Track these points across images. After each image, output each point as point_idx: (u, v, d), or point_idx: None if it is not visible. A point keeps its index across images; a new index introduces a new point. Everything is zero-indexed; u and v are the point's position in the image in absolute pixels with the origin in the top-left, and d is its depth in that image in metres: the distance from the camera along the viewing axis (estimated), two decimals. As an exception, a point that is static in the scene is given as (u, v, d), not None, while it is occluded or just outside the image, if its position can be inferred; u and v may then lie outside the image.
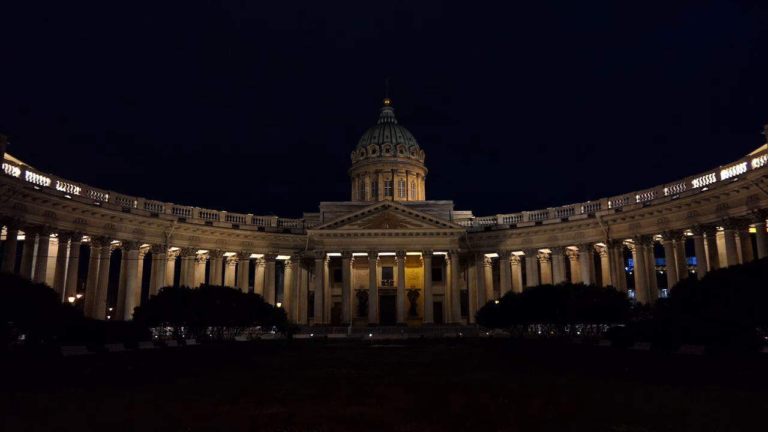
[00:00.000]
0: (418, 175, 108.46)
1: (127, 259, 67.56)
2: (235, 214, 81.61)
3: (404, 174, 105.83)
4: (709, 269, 54.44)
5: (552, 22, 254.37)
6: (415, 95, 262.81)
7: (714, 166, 58.48)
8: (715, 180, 58.01)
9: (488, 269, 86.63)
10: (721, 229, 58.40)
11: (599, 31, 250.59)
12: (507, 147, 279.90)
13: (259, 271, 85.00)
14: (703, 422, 11.41)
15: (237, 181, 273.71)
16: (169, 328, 51.32)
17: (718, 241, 60.30)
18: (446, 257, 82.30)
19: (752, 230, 56.42)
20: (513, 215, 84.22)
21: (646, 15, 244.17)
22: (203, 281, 73.55)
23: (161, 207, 72.18)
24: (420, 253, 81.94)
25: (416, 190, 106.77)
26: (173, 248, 74.05)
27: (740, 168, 54.68)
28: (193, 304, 43.39)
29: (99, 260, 63.66)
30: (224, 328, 49.29)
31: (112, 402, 15.13)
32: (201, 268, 78.79)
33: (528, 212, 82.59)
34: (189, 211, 75.82)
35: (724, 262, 56.66)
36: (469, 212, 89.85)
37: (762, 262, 34.70)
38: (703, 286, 34.44)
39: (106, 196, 64.57)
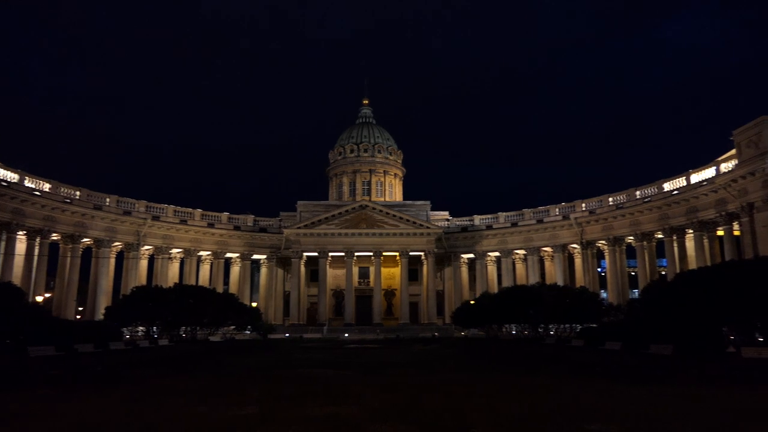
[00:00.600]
0: (395, 175, 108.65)
1: (99, 258, 66.14)
2: (211, 213, 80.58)
3: (382, 174, 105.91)
4: (678, 270, 55.78)
5: (531, 27, 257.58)
6: (394, 96, 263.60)
7: (685, 170, 60.00)
8: (685, 184, 59.46)
9: (464, 269, 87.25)
10: (691, 231, 59.89)
11: (577, 36, 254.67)
12: (484, 149, 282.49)
13: (235, 270, 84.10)
14: (670, 420, 11.66)
15: (213, 180, 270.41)
16: (141, 328, 50.48)
17: (687, 243, 61.81)
18: (423, 257, 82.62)
19: (720, 233, 57.99)
20: (489, 216, 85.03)
21: (622, 22, 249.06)
22: (177, 280, 72.44)
23: (134, 205, 70.85)
24: (397, 253, 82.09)
25: (394, 191, 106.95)
26: (146, 247, 72.75)
27: (709, 172, 56.15)
28: (166, 304, 42.72)
29: (69, 258, 62.19)
30: (198, 328, 48.65)
31: (82, 404, 14.77)
32: (175, 267, 77.58)
33: (504, 213, 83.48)
34: (163, 209, 74.58)
35: (693, 263, 58.09)
36: (446, 213, 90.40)
37: (728, 264, 35.68)
38: (672, 287, 35.24)
39: (77, 193, 63.08)
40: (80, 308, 72.66)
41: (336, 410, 13.03)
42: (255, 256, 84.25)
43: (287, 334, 68.56)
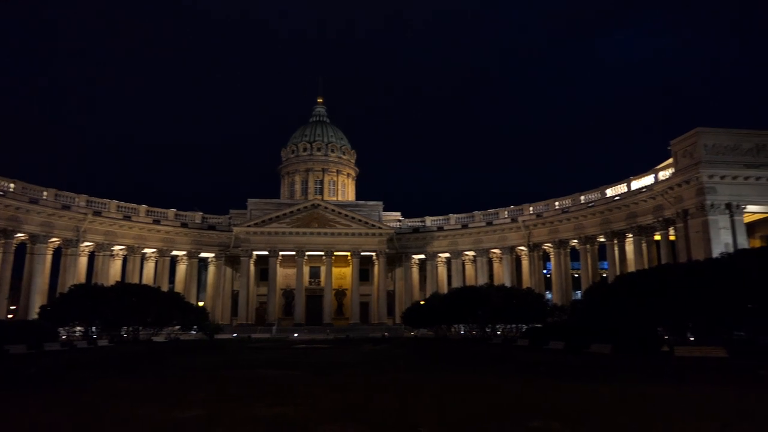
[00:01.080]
0: (348, 175, 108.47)
1: (33, 254, 62.81)
2: (157, 209, 78.01)
3: (335, 173, 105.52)
4: (618, 273, 58.30)
5: (486, 32, 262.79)
6: (348, 95, 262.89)
7: (626, 177, 62.72)
8: (626, 190, 62.19)
9: (415, 270, 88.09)
10: (630, 235, 62.70)
11: (531, 45, 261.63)
12: (437, 151, 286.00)
13: (181, 268, 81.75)
14: (607, 414, 12.17)
15: (161, 176, 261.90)
16: (79, 328, 48.32)
17: (627, 247, 64.68)
18: (374, 258, 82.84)
19: (657, 237, 61.00)
20: (441, 218, 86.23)
21: (575, 33, 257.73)
22: (119, 279, 69.78)
23: (74, 199, 67.72)
24: (348, 253, 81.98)
25: (346, 190, 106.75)
26: (87, 243, 69.64)
27: (648, 180, 58.94)
28: (107, 303, 41.09)
29: (1, 254, 58.77)
30: (140, 328, 47.06)
31: (12, 408, 13.97)
32: (117, 264, 74.68)
33: (455, 215, 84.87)
34: (105, 204, 71.67)
35: (632, 266, 60.85)
36: (398, 214, 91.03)
37: (663, 268, 37.56)
38: (612, 289, 36.79)
39: (11, 185, 59.72)
40: (12, 307, 68.84)
41: (284, 410, 12.88)
42: (203, 255, 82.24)
43: (235, 335, 67.22)
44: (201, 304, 78.52)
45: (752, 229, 55.43)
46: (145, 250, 76.62)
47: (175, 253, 79.73)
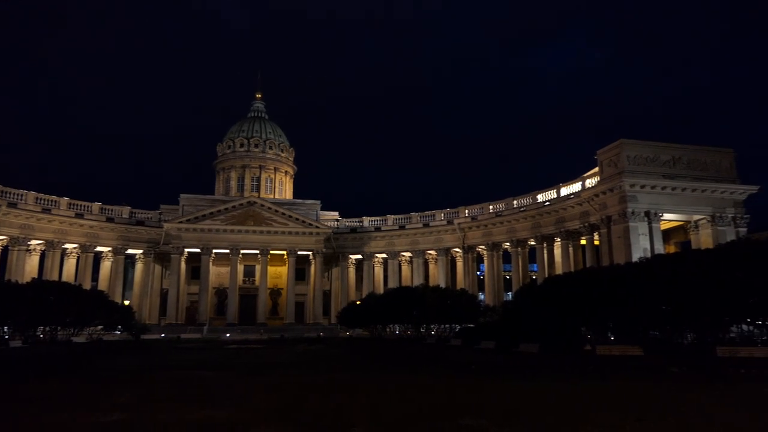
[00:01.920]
0: (286, 173, 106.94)
1: (-62, 248, 57.79)
2: (80, 202, 73.70)
3: (272, 171, 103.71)
4: (547, 275, 60.74)
5: (429, 36, 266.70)
6: (288, 93, 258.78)
7: (556, 183, 65.51)
8: (555, 196, 64.95)
9: (352, 270, 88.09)
10: (559, 239, 65.56)
11: (466, 52, 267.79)
12: (376, 152, 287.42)
13: (106, 265, 77.72)
14: (534, 412, 12.64)
15: (86, 168, 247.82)
16: (-12, 327, 44.93)
17: (555, 251, 67.57)
18: (311, 257, 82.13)
19: (583, 242, 64.12)
20: (378, 218, 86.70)
21: (512, 42, 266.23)
22: (36, 275, 65.26)
23: (-15, 189, 62.89)
24: (285, 252, 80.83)
25: (284, 188, 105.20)
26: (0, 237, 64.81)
27: (576, 187, 61.83)
28: (21, 301, 38.42)
29: None
30: (59, 328, 44.35)
31: None
32: (34, 260, 69.96)
33: (393, 216, 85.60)
34: (21, 195, 66.97)
35: (559, 269, 63.61)
36: (336, 213, 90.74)
37: (587, 271, 39.51)
38: (540, 291, 38.28)
39: None
40: None
41: (213, 413, 12.50)
42: (130, 251, 78.56)
43: (163, 335, 64.62)
44: (127, 302, 74.99)
45: (668, 235, 59.47)
46: (67, 246, 72.25)
47: (99, 249, 75.68)
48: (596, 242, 60.70)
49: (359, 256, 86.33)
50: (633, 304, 28.41)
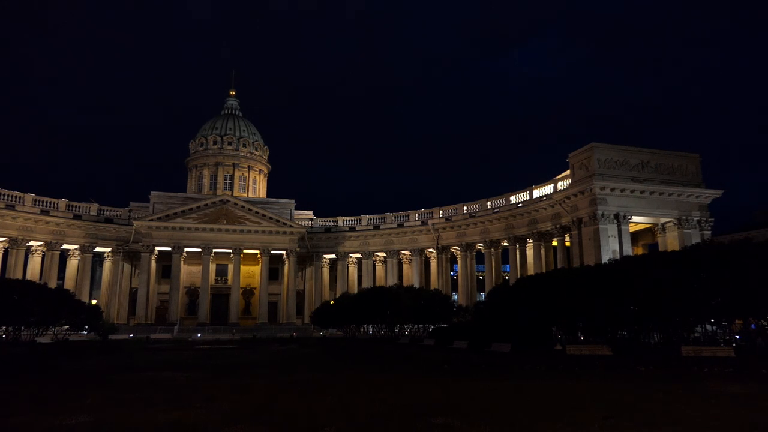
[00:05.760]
0: (260, 171, 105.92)
1: None
2: (46, 198, 71.64)
3: (246, 169, 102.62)
4: (519, 276, 61.50)
5: (406, 38, 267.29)
6: (263, 91, 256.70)
7: (529, 185, 66.37)
8: (528, 198, 65.81)
9: (326, 270, 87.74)
10: (531, 241, 66.43)
11: (441, 54, 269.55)
12: (350, 151, 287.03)
13: (72, 264, 75.75)
14: (505, 410, 12.78)
15: (53, 164, 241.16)
16: (-54, 327, 43.43)
17: (528, 252, 68.45)
18: (285, 257, 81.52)
19: (555, 243, 65.10)
20: (353, 218, 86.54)
21: (482, 45, 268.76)
22: (-1, 273, 63.28)
23: (-55, 184, 60.63)
24: (258, 252, 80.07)
25: (258, 187, 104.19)
26: (-40, 233, 62.59)
27: (548, 189, 62.75)
28: (-18, 300, 37.17)
29: None
30: (22, 328, 43.05)
31: None
32: (-4, 258, 67.77)
33: (367, 216, 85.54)
34: (-16, 191, 64.80)
35: (532, 269, 64.43)
36: (311, 212, 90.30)
37: (558, 272, 40.09)
38: (512, 291, 38.72)
39: None
40: None
41: (183, 415, 12.28)
42: (98, 249, 76.75)
43: (132, 335, 63.33)
44: (94, 302, 73.10)
45: (636, 238, 60.84)
46: (31, 243, 70.18)
47: (66, 247, 73.74)
48: (567, 243, 61.71)
49: (333, 256, 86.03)
50: (602, 305, 28.97)
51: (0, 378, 21.07)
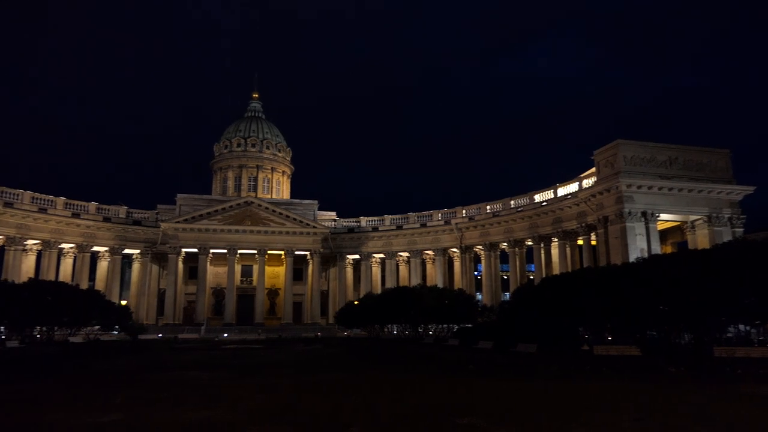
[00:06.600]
0: (283, 172, 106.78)
1: (-67, 247, 57.54)
2: (76, 202, 73.42)
3: (269, 171, 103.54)
4: (544, 275, 60.77)
5: (422, 37, 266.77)
6: (285, 93, 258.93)
7: (553, 183, 65.55)
8: (552, 196, 64.98)
9: (349, 270, 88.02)
10: (556, 240, 65.58)
11: (462, 52, 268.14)
12: (373, 152, 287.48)
13: (103, 265, 77.50)
14: (531, 412, 12.64)
15: (83, 167, 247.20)
16: (-15, 328, 44.81)
17: (553, 251, 67.58)
18: (309, 257, 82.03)
19: (580, 242, 64.13)
20: (376, 218, 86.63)
21: (505, 41, 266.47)
22: (33, 275, 65.01)
23: (-20, 189, 62.59)
24: (282, 252, 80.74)
25: (281, 188, 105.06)
26: (-4, 236, 64.57)
27: (573, 187, 61.87)
28: (17, 301, 38.26)
29: None
30: (56, 328, 44.22)
31: None
32: (30, 260, 69.73)
33: (390, 216, 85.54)
34: (18, 195, 66.72)
35: (557, 269, 63.61)
36: (334, 213, 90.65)
37: (584, 271, 39.50)
38: (537, 290, 38.23)
39: None
40: None
41: (210, 414, 12.47)
42: (127, 251, 78.34)
43: (160, 335, 64.45)
44: (124, 302, 74.72)
45: (665, 236, 59.56)
46: (63, 246, 72.05)
47: (96, 248, 75.49)
48: (593, 242, 60.76)
49: (357, 257, 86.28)
50: (630, 305, 28.43)
51: (35, 377, 21.69)
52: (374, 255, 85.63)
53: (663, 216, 53.66)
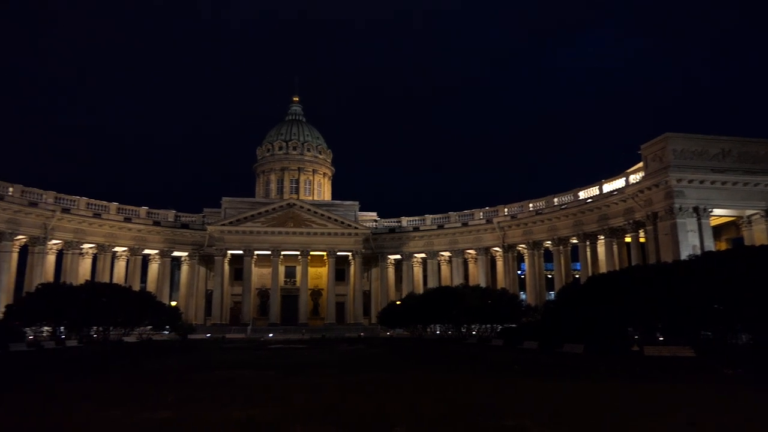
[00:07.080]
0: (324, 174, 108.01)
1: (-1, 252, 60.98)
2: (128, 207, 76.48)
3: (311, 173, 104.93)
4: (590, 274, 59.28)
5: (461, 36, 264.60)
6: (324, 95, 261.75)
7: (598, 180, 63.86)
8: (598, 193, 63.30)
9: (391, 270, 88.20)
10: (602, 237, 63.82)
11: (497, 50, 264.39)
12: (413, 151, 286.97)
13: (153, 267, 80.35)
14: (580, 414, 12.36)
15: (133, 173, 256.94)
16: (46, 328, 47.20)
17: (599, 249, 65.81)
18: (350, 258, 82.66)
19: (628, 239, 62.23)
20: (417, 218, 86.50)
21: (541, 38, 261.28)
22: (89, 278, 68.14)
23: (41, 195, 65.93)
24: (324, 253, 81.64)
25: (322, 190, 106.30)
26: (55, 241, 67.93)
27: (619, 183, 60.09)
28: (75, 302, 40.13)
29: (-36, 252, 56.94)
30: (111, 328, 46.13)
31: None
32: (86, 263, 73.04)
33: (431, 216, 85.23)
34: (74, 201, 69.97)
35: (603, 267, 61.91)
36: (374, 214, 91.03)
37: (633, 269, 38.29)
38: (584, 289, 37.34)
39: (-25, 181, 57.89)
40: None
41: (257, 412, 12.74)
42: (176, 253, 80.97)
43: (208, 335, 66.32)
44: (174, 303, 77.31)
45: (718, 232, 57.05)
46: (116, 249, 75.10)
47: (147, 251, 78.34)
48: (642, 240, 58.83)
49: (398, 256, 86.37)
50: (682, 303, 27.39)
51: (93, 375, 22.69)
52: (415, 255, 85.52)
53: (716, 211, 51.46)
